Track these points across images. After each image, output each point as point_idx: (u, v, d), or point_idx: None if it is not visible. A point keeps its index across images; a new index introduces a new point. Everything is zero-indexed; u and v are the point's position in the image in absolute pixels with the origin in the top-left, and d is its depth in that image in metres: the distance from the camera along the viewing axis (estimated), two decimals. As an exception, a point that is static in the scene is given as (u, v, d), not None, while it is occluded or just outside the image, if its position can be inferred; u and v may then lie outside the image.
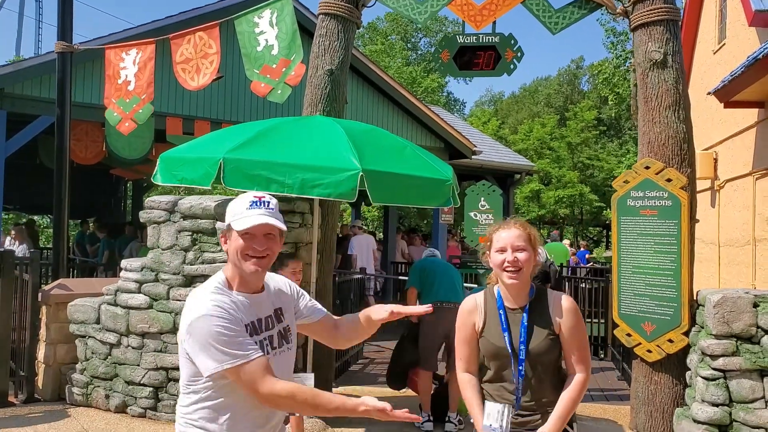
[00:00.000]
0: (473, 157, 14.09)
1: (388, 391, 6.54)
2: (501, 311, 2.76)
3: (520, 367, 2.71)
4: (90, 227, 15.20)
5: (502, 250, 2.70)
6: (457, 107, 53.77)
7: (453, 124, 15.09)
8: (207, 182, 4.70)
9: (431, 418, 5.96)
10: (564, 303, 2.75)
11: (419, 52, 50.07)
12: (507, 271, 2.68)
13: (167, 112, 10.13)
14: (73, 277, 11.38)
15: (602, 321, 9.45)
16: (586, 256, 18.64)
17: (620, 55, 31.32)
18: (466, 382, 2.86)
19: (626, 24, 6.32)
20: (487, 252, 2.80)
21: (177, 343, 5.73)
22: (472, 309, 2.84)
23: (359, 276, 9.74)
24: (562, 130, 38.29)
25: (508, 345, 2.72)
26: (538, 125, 38.89)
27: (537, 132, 37.77)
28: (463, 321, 2.85)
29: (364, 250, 12.25)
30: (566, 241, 19.51)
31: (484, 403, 2.79)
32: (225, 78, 10.03)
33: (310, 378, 4.84)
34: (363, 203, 18.34)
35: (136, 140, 9.92)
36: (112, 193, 18.11)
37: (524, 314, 2.73)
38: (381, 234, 19.58)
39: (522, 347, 2.69)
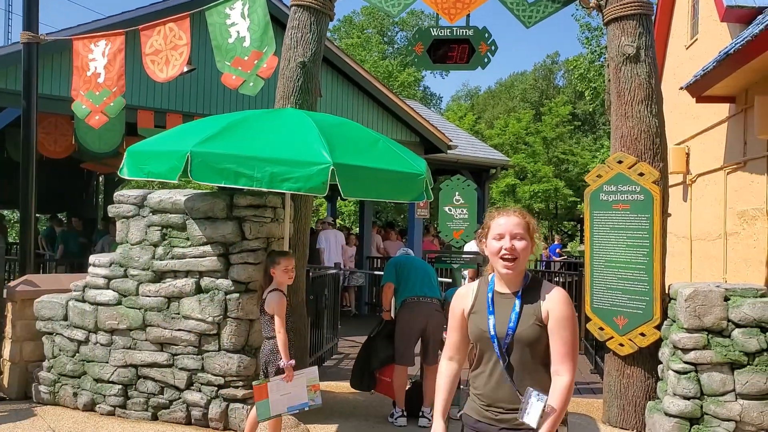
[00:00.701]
0: (449, 151, 14.07)
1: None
2: (489, 294, 2.69)
3: (504, 350, 2.62)
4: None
5: (500, 237, 2.62)
6: (434, 101, 53.80)
7: (429, 118, 15.05)
8: (174, 176, 4.61)
9: (405, 414, 5.93)
10: (556, 293, 2.64)
11: (396, 46, 49.97)
12: (503, 260, 2.60)
13: (138, 105, 9.96)
14: (42, 273, 11.17)
15: (576, 314, 9.50)
16: (557, 250, 18.74)
17: (595, 51, 31.55)
18: (443, 369, 2.80)
19: (600, 19, 6.32)
20: (483, 240, 2.72)
21: (147, 340, 5.68)
22: (464, 294, 2.78)
23: (334, 271, 9.68)
24: (538, 125, 38.47)
25: (491, 328, 2.63)
26: (513, 120, 39.05)
27: (513, 127, 37.93)
28: (454, 306, 2.79)
29: (332, 244, 12.20)
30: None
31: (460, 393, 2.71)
32: (198, 71, 9.89)
33: (314, 371, 4.83)
34: (339, 197, 18.24)
35: (106, 134, 9.73)
36: (83, 188, 17.81)
37: (516, 299, 2.63)
38: (357, 228, 19.50)
39: (510, 332, 2.60)
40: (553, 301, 2.61)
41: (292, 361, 4.62)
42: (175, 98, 10.45)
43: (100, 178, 18.67)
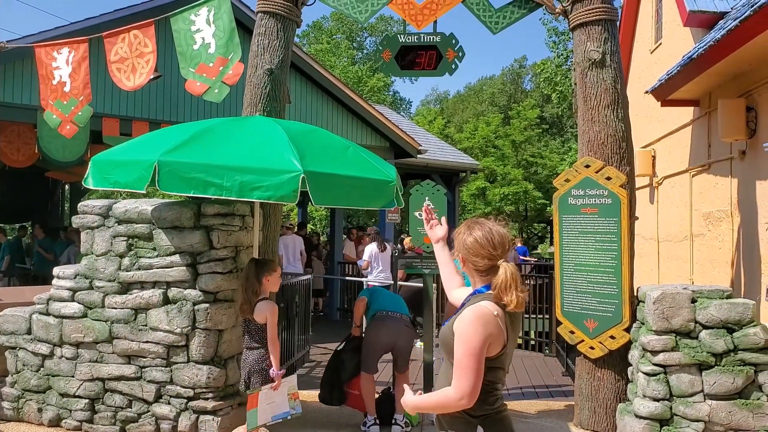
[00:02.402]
0: (419, 156, 14.10)
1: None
2: None
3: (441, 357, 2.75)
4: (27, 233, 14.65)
5: None
6: (403, 106, 53.95)
7: (398, 123, 15.08)
8: (141, 186, 4.53)
9: (377, 422, 5.90)
10: (466, 310, 2.55)
11: (365, 51, 50.04)
12: None
13: (104, 112, 9.80)
14: (10, 285, 10.94)
15: (546, 317, 9.57)
16: (526, 256, 18.88)
17: (562, 54, 31.92)
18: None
19: (567, 24, 6.37)
20: None
21: (114, 353, 5.57)
22: None
23: (305, 278, 9.61)
24: (506, 128, 38.81)
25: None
26: (482, 124, 39.36)
27: (482, 130, 38.23)
28: None
29: (290, 250, 12.11)
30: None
31: None
32: (164, 78, 9.76)
33: (293, 380, 4.85)
34: (310, 203, 18.15)
35: (71, 142, 9.54)
36: (48, 196, 17.53)
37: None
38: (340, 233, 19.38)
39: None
40: (458, 318, 2.56)
41: (283, 370, 4.66)
42: (141, 105, 10.30)
43: (66, 187, 18.39)
